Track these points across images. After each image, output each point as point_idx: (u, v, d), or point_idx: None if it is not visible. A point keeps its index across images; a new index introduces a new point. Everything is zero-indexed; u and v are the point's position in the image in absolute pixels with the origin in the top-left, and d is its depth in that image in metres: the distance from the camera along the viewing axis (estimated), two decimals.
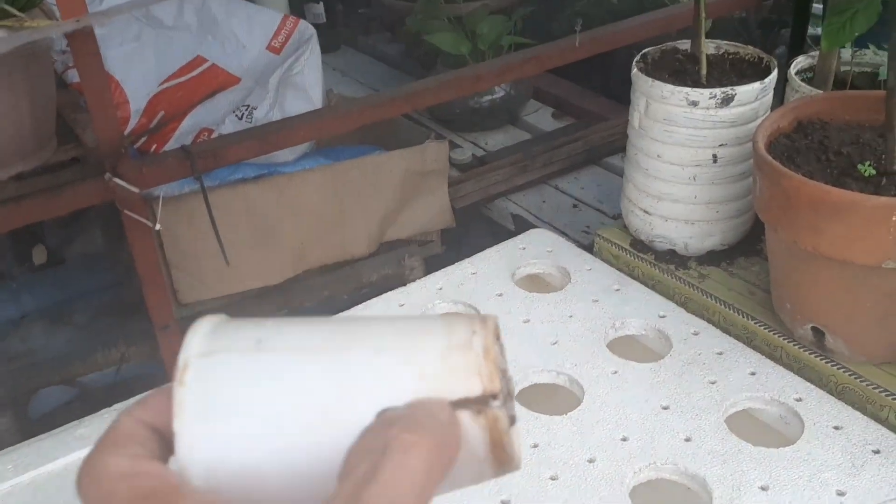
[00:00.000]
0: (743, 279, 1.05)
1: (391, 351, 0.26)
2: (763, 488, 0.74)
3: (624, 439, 0.80)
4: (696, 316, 0.97)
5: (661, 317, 0.97)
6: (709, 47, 1.07)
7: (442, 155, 1.35)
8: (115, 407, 0.91)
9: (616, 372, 0.89)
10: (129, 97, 1.34)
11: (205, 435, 0.25)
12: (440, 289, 1.03)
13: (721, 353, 0.91)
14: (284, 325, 0.28)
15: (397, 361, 0.26)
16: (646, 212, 1.09)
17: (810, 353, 0.92)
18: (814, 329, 0.91)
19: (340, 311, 1.02)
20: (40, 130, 1.04)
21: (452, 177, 1.44)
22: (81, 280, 1.39)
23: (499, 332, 0.28)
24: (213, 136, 1.34)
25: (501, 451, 0.27)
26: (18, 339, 1.33)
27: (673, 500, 0.80)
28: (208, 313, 0.29)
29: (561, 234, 1.31)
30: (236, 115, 1.35)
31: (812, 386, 0.85)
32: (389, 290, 1.04)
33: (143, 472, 0.24)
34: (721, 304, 1.01)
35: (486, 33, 1.63)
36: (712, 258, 1.08)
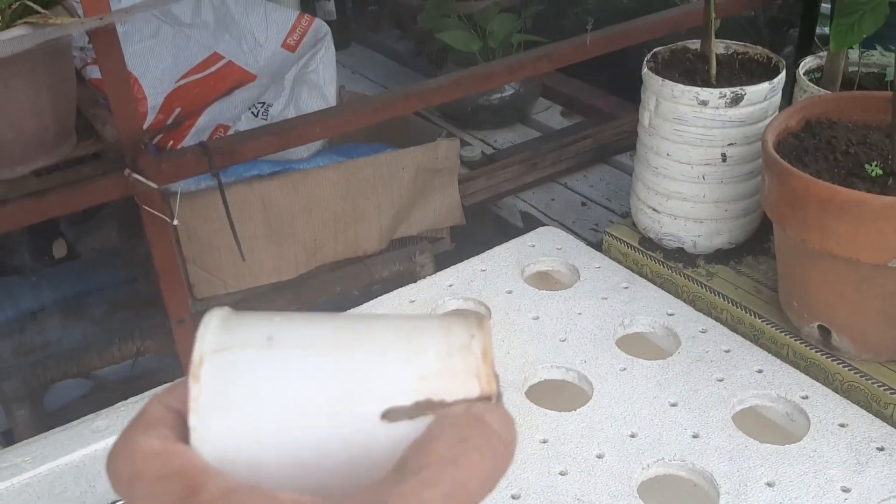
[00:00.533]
0: (751, 277, 1.06)
1: (394, 351, 0.27)
2: (769, 484, 0.75)
3: (632, 435, 0.81)
4: (704, 314, 0.98)
5: (670, 314, 0.98)
6: (718, 47, 1.08)
7: (452, 153, 1.36)
8: (130, 400, 0.92)
9: (624, 369, 0.90)
10: (147, 94, 1.35)
11: (219, 430, 0.26)
12: (450, 285, 1.04)
13: (728, 351, 0.92)
14: (293, 322, 0.28)
15: (400, 361, 0.27)
16: (655, 210, 1.10)
17: (817, 352, 0.93)
18: (820, 327, 0.92)
19: (351, 308, 1.03)
20: (61, 126, 1.05)
21: (462, 174, 1.45)
22: (98, 274, 1.41)
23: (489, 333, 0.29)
24: (228, 132, 1.35)
25: None
26: (35, 332, 1.34)
27: (680, 496, 0.81)
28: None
29: (570, 231, 1.32)
30: (252, 112, 1.36)
31: (818, 384, 0.86)
32: (400, 287, 1.05)
33: (174, 452, 0.25)
34: (729, 303, 1.02)
35: (496, 31, 1.63)
36: (720, 256, 1.09)
